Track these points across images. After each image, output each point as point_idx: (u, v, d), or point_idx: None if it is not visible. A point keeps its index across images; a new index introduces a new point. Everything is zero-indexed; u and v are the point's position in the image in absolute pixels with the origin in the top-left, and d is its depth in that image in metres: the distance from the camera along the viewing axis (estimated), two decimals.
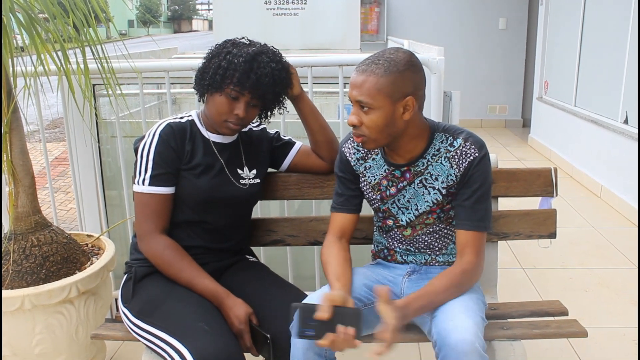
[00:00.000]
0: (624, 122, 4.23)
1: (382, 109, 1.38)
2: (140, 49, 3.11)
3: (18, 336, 1.76)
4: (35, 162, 2.02)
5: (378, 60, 1.38)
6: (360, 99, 1.38)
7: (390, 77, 1.37)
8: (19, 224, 1.85)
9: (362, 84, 1.38)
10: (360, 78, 1.38)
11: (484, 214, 1.49)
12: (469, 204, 1.48)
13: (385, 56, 1.39)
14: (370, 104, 1.38)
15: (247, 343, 1.47)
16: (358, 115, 1.41)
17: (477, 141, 1.47)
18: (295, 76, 1.64)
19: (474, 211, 1.48)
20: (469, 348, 1.27)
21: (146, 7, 49.44)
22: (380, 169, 1.56)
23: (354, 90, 1.39)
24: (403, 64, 1.38)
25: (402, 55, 1.40)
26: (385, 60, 1.38)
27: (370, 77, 1.37)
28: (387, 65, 1.37)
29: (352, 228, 1.62)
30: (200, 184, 1.56)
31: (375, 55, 1.41)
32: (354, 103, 1.41)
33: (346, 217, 1.61)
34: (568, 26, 5.46)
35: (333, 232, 1.61)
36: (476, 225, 1.48)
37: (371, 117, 1.39)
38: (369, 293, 1.53)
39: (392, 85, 1.37)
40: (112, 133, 2.42)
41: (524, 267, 3.16)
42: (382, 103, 1.38)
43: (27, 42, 1.72)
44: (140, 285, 1.57)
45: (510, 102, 7.54)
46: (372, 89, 1.37)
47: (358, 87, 1.38)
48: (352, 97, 1.41)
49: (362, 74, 1.38)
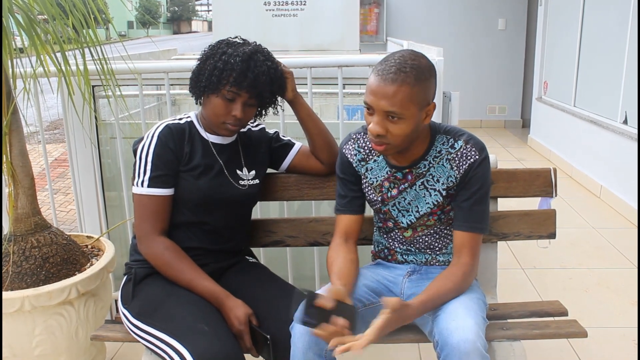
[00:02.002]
0: (624, 123, 4.23)
1: (412, 118, 1.35)
2: (139, 50, 3.11)
3: (18, 337, 1.76)
4: (34, 163, 2.02)
5: (404, 68, 1.32)
6: (392, 109, 1.33)
7: (421, 85, 1.34)
8: (18, 225, 1.85)
9: (394, 94, 1.31)
10: (392, 88, 1.31)
11: (482, 215, 1.49)
12: (467, 206, 1.48)
13: (409, 63, 1.34)
14: (401, 114, 1.34)
15: (247, 344, 1.47)
16: (383, 125, 1.36)
17: (478, 144, 1.48)
18: (290, 80, 1.62)
19: (472, 213, 1.48)
20: (470, 348, 1.27)
21: (145, 9, 49.45)
22: (382, 170, 1.55)
23: (383, 100, 1.33)
24: (428, 70, 1.36)
25: (425, 62, 1.37)
26: (412, 68, 1.33)
27: (403, 87, 1.32)
28: (416, 73, 1.33)
29: (358, 229, 1.62)
30: (199, 185, 1.56)
31: (397, 62, 1.34)
32: (379, 112, 1.35)
33: (351, 218, 1.60)
34: (567, 26, 5.46)
35: (339, 234, 1.59)
36: (472, 226, 1.48)
37: (400, 126, 1.36)
38: (369, 294, 1.53)
39: (422, 93, 1.35)
40: (111, 134, 2.42)
41: (523, 267, 3.16)
42: (412, 112, 1.35)
43: (26, 43, 1.72)
44: (140, 287, 1.57)
45: (510, 102, 7.55)
46: (405, 100, 1.32)
47: (390, 98, 1.32)
48: (378, 107, 1.34)
49: (392, 83, 1.31)
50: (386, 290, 1.57)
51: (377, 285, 1.57)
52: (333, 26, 3.94)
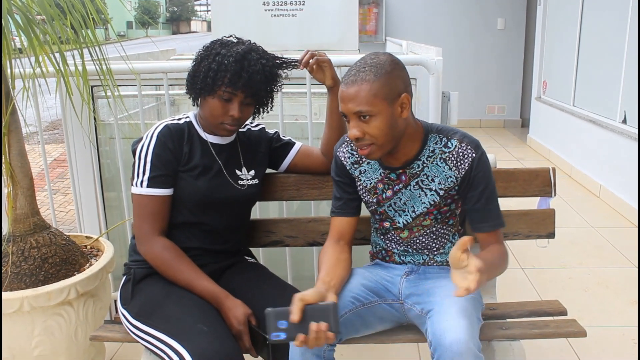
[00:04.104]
0: (623, 122, 4.24)
1: (383, 113, 1.38)
2: (138, 51, 3.11)
3: (17, 338, 1.76)
4: (34, 163, 2.02)
5: (363, 68, 1.38)
6: (359, 108, 1.36)
7: (382, 79, 1.37)
8: (17, 225, 1.85)
9: (356, 94, 1.36)
10: (353, 89, 1.37)
11: (497, 211, 1.52)
12: (481, 206, 1.49)
13: (368, 62, 1.39)
14: (369, 111, 1.36)
15: (246, 344, 1.47)
16: (359, 127, 1.39)
17: (473, 141, 1.48)
18: (329, 68, 1.65)
19: (488, 212, 1.50)
20: (463, 348, 1.27)
21: (144, 9, 49.44)
22: (375, 172, 1.56)
23: (350, 103, 1.37)
24: (388, 64, 1.39)
25: (384, 57, 1.41)
26: (370, 66, 1.38)
27: (363, 85, 1.36)
28: (374, 69, 1.37)
29: (352, 231, 1.62)
30: (198, 185, 1.56)
31: (357, 65, 1.40)
32: (351, 116, 1.39)
33: (344, 220, 1.61)
34: (566, 26, 5.46)
35: (332, 236, 1.61)
36: (493, 224, 1.51)
37: (374, 124, 1.38)
38: (367, 293, 1.53)
39: (386, 87, 1.37)
40: (110, 135, 2.42)
41: (523, 267, 3.16)
42: (381, 107, 1.37)
43: (25, 44, 1.72)
44: (139, 287, 1.57)
45: (509, 102, 7.55)
46: (368, 96, 1.36)
47: (353, 99, 1.37)
48: (347, 111, 1.39)
49: (352, 85, 1.37)
50: (384, 289, 1.57)
51: (375, 285, 1.57)
52: (332, 26, 3.95)
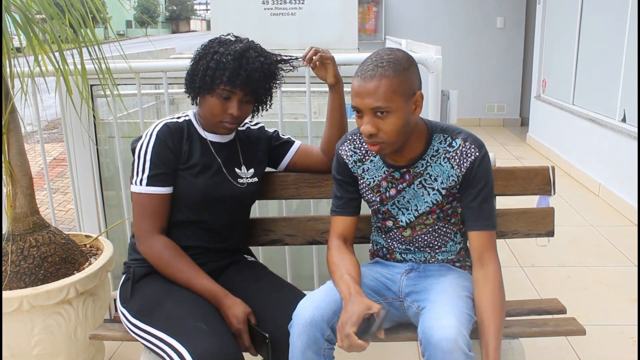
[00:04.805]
0: (622, 121, 4.24)
1: (399, 110, 1.36)
2: (137, 50, 3.11)
3: (16, 337, 1.76)
4: (33, 163, 2.02)
5: (381, 63, 1.35)
6: (378, 104, 1.34)
7: (401, 76, 1.35)
8: (17, 224, 1.85)
9: (376, 89, 1.33)
10: (372, 84, 1.33)
11: (491, 212, 1.50)
12: (476, 205, 1.48)
13: (385, 58, 1.36)
14: (387, 107, 1.34)
15: (245, 343, 1.47)
16: (373, 124, 1.37)
17: (477, 141, 1.48)
18: (332, 65, 1.66)
19: (482, 211, 1.48)
20: (452, 346, 1.27)
21: (144, 8, 49.39)
22: (379, 170, 1.55)
23: (367, 98, 1.34)
24: (405, 60, 1.38)
25: (400, 54, 1.39)
26: (388, 62, 1.35)
27: (383, 80, 1.33)
28: (394, 65, 1.35)
29: (354, 230, 1.62)
30: (198, 184, 1.56)
31: (374, 60, 1.36)
32: (367, 112, 1.36)
33: (346, 220, 1.61)
34: (566, 25, 5.46)
35: (336, 236, 1.59)
36: (485, 224, 1.48)
37: (390, 120, 1.36)
38: (368, 293, 1.52)
39: (404, 84, 1.36)
40: (110, 134, 2.42)
41: (522, 265, 3.17)
42: (399, 104, 1.35)
43: (24, 43, 1.72)
44: (138, 286, 1.57)
45: (508, 101, 7.55)
46: (388, 92, 1.33)
47: (372, 94, 1.34)
48: (364, 106, 1.36)
49: (371, 80, 1.34)
50: (385, 288, 1.57)
51: (376, 284, 1.57)
52: (331, 25, 3.95)
